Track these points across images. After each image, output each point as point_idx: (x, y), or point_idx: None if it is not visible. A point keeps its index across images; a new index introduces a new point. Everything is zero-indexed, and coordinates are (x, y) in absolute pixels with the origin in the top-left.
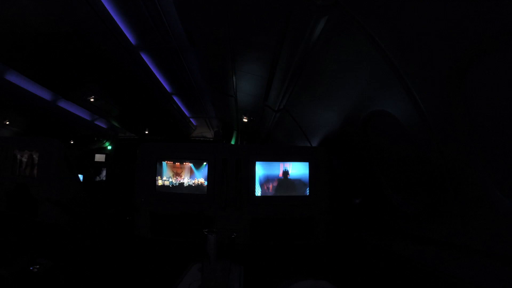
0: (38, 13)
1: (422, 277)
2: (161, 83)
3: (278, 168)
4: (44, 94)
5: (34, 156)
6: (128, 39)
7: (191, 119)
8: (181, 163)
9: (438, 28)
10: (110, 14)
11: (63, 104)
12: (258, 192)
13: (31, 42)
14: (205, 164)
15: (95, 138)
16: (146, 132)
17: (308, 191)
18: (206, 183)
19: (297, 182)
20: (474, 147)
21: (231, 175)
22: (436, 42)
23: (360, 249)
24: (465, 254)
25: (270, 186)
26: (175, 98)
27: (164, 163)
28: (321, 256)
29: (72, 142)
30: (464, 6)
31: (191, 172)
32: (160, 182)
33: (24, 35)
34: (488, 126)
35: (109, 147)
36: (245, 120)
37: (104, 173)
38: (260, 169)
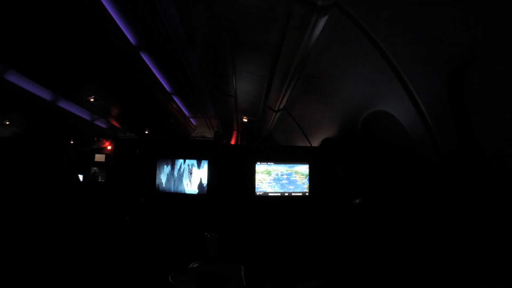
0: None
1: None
2: (161, 83)
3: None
4: (44, 94)
5: None
6: (128, 39)
7: (191, 119)
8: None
9: (438, 28)
10: (110, 14)
11: (63, 104)
12: (258, 191)
13: (30, 39)
14: (205, 164)
15: (95, 138)
16: (146, 132)
17: (308, 189)
18: (206, 183)
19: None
20: (474, 147)
21: (231, 175)
22: (436, 42)
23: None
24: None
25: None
26: (175, 98)
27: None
28: (322, 257)
29: (72, 142)
30: (464, 7)
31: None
32: (160, 182)
33: (22, 29)
34: (488, 126)
35: (109, 147)
36: (245, 120)
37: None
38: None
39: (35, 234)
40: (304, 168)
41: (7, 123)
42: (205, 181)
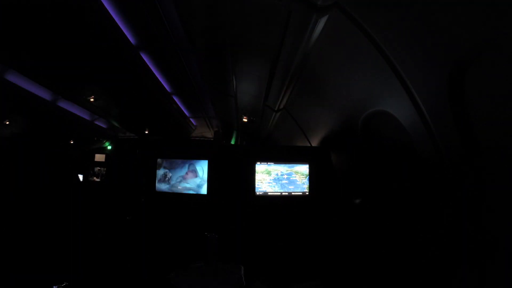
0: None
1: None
2: (161, 83)
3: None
4: (44, 94)
5: None
6: (128, 39)
7: (191, 119)
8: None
9: (438, 28)
10: (110, 13)
11: (63, 104)
12: (258, 191)
13: (30, 39)
14: (205, 164)
15: (95, 138)
16: (146, 132)
17: (308, 189)
18: (206, 183)
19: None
20: (474, 146)
21: (231, 175)
22: (436, 42)
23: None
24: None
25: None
26: (175, 98)
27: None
28: (321, 257)
29: (72, 142)
30: (463, 7)
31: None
32: (160, 182)
33: (22, 29)
34: (488, 125)
35: (109, 147)
36: (245, 120)
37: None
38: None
39: (35, 234)
40: (304, 168)
41: (7, 123)
42: (205, 181)
